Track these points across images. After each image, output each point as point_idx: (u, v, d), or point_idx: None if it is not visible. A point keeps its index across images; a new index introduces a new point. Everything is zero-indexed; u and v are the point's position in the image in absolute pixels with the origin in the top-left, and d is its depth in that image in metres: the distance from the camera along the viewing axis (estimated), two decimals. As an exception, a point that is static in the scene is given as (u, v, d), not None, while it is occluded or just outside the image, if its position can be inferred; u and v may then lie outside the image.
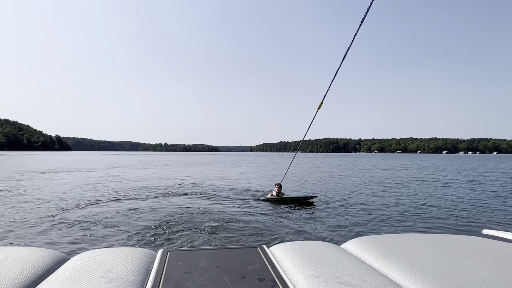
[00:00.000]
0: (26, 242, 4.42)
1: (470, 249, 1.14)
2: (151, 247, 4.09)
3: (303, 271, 0.97)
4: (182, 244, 4.36)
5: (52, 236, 4.69)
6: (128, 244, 4.39)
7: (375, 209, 7.06)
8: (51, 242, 4.41)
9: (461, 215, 6.52)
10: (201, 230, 5.00)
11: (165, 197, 8.56)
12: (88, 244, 4.34)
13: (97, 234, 4.84)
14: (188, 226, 5.25)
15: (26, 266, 0.95)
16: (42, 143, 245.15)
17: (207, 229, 5.05)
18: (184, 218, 5.78)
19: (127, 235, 4.76)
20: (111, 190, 9.96)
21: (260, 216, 6.12)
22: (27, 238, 4.59)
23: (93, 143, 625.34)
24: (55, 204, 7.34)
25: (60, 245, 4.31)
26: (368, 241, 1.25)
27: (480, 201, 8.44)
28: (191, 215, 6.12)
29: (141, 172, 19.02)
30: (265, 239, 4.60)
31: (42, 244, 4.34)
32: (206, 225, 5.28)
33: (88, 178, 14.33)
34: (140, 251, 1.15)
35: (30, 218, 5.82)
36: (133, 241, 4.51)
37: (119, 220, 5.71)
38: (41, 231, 4.98)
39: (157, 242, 4.43)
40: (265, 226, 5.33)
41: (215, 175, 17.60)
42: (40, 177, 14.84)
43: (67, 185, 11.39)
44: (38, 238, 4.60)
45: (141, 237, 4.68)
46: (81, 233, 4.86)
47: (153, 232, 4.92)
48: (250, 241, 4.52)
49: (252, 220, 5.79)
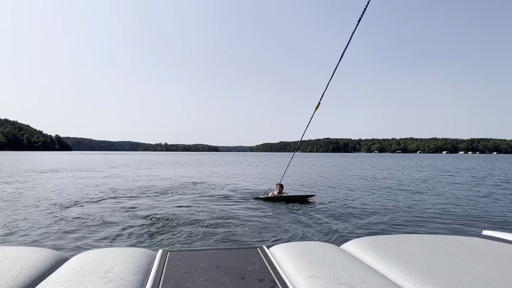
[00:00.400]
0: (26, 242, 4.41)
1: (470, 250, 1.14)
2: (151, 247, 4.09)
3: (303, 272, 0.97)
4: (182, 244, 4.36)
5: (52, 236, 4.69)
6: (128, 244, 4.39)
7: (375, 209, 7.06)
8: (51, 242, 4.41)
9: (461, 215, 6.52)
10: (201, 230, 4.99)
11: (165, 197, 8.56)
12: (88, 244, 4.33)
13: (97, 234, 4.84)
14: (188, 226, 5.25)
15: (26, 266, 0.95)
16: (42, 143, 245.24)
17: (207, 229, 5.05)
18: (184, 218, 5.78)
19: (127, 235, 4.76)
20: (110, 190, 9.96)
21: (260, 216, 6.12)
22: (27, 238, 4.59)
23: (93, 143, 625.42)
24: (55, 204, 7.33)
25: (59, 245, 4.30)
26: (368, 242, 1.25)
27: (480, 201, 8.43)
28: (191, 215, 6.12)
29: (141, 172, 19.01)
30: (265, 240, 4.60)
31: (42, 244, 4.33)
32: (206, 225, 5.28)
33: (87, 178, 14.33)
34: (140, 251, 1.15)
35: (30, 218, 5.82)
36: (133, 241, 4.51)
37: (119, 220, 5.71)
38: (41, 231, 4.98)
39: (157, 242, 4.42)
40: (265, 226, 5.33)
41: (215, 174, 17.60)
42: (39, 176, 14.83)
43: (66, 185, 11.39)
44: (38, 238, 4.60)
45: (141, 237, 4.68)
46: (81, 233, 4.85)
47: (152, 232, 4.92)
48: (250, 242, 4.52)
49: (252, 220, 5.78)
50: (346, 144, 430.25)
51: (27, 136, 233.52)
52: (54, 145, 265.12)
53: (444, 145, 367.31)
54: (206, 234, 4.79)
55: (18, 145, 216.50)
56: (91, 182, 12.79)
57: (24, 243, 4.37)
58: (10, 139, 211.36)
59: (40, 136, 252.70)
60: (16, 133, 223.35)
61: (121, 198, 8.38)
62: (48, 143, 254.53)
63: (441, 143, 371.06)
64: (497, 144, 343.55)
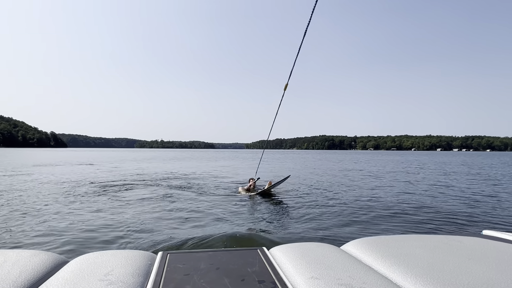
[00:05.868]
0: (25, 245, 4.36)
1: (470, 250, 1.14)
2: (150, 249, 4.05)
3: (303, 273, 0.97)
4: (182, 246, 4.32)
5: (51, 239, 4.62)
6: (128, 246, 4.34)
7: (375, 209, 7.07)
8: (51, 245, 4.35)
9: (461, 215, 6.54)
10: (200, 231, 4.96)
11: (165, 196, 8.49)
12: (88, 247, 4.28)
13: (97, 236, 4.78)
14: (188, 226, 5.21)
15: (26, 269, 0.95)
16: (38, 139, 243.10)
17: (206, 229, 5.02)
18: (184, 218, 5.74)
19: (127, 237, 4.70)
20: (110, 189, 9.87)
21: (259, 217, 6.09)
22: (26, 241, 4.52)
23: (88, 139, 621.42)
24: (55, 204, 7.25)
25: (59, 247, 4.25)
26: (368, 243, 1.25)
27: (480, 201, 8.48)
28: (191, 215, 6.08)
29: (139, 169, 18.88)
30: (264, 241, 4.57)
31: (41, 247, 4.28)
32: (206, 226, 5.24)
33: (84, 175, 14.18)
34: (140, 253, 1.15)
35: (29, 220, 5.75)
36: (133, 243, 4.46)
37: (119, 222, 5.65)
38: (40, 233, 4.91)
39: (156, 244, 4.38)
40: (264, 227, 5.31)
41: (214, 171, 17.53)
42: (37, 175, 14.66)
43: (65, 184, 11.26)
44: (37, 241, 4.53)
45: (140, 239, 4.63)
46: (81, 236, 4.80)
47: (152, 233, 4.87)
48: (250, 243, 4.48)
49: (251, 221, 5.76)
50: (342, 141, 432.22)
51: (22, 132, 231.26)
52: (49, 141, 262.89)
53: (438, 142, 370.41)
54: (205, 235, 4.75)
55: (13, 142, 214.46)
56: (89, 181, 12.66)
57: (23, 246, 4.31)
58: (5, 135, 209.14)
59: (36, 133, 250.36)
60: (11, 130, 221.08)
61: (120, 197, 8.29)
62: (44, 140, 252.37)
63: (435, 141, 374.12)
64: (490, 141, 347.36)
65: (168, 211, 6.44)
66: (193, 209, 6.71)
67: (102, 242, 4.51)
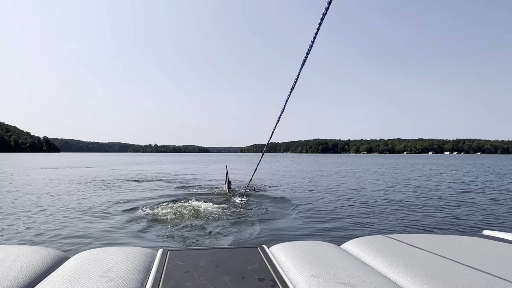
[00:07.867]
0: (26, 241, 4.32)
1: (470, 249, 1.14)
2: (151, 246, 4.01)
3: (303, 271, 0.97)
4: (182, 243, 4.30)
5: (52, 235, 4.59)
6: (128, 243, 4.32)
7: (375, 209, 7.11)
8: (51, 241, 4.31)
9: (461, 215, 6.61)
10: (200, 229, 4.93)
11: (164, 196, 8.41)
12: (88, 243, 4.25)
13: (97, 232, 4.76)
14: (188, 225, 5.17)
15: (26, 265, 0.95)
16: (30, 144, 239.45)
17: (206, 228, 4.99)
18: (183, 217, 5.69)
19: (127, 234, 4.68)
20: (110, 189, 9.76)
21: (259, 215, 6.08)
22: (27, 237, 4.48)
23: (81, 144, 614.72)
24: (55, 202, 7.14)
25: (60, 244, 4.22)
26: (368, 242, 1.26)
27: (481, 201, 8.56)
28: (191, 214, 6.03)
29: (137, 172, 18.70)
30: (264, 239, 4.56)
31: (42, 243, 4.26)
32: (206, 224, 5.21)
33: (85, 176, 13.99)
34: (140, 250, 1.16)
35: (29, 217, 5.71)
36: (133, 240, 4.42)
37: (119, 218, 5.63)
38: (41, 230, 4.87)
39: (157, 241, 4.36)
40: (264, 226, 5.30)
41: (214, 173, 17.45)
42: (34, 175, 14.42)
43: (64, 184, 11.10)
44: (38, 237, 4.49)
45: (141, 236, 4.60)
46: (81, 232, 4.76)
47: (152, 231, 4.84)
48: (250, 241, 4.47)
49: (251, 219, 5.74)
50: (335, 145, 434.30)
51: (14, 137, 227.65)
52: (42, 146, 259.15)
53: (430, 145, 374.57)
54: (205, 233, 4.73)
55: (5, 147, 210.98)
56: (87, 180, 12.50)
57: (24, 242, 4.28)
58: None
59: (28, 138, 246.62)
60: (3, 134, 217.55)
61: (120, 197, 8.20)
62: (36, 145, 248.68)
63: (427, 144, 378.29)
64: (481, 144, 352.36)
65: (169, 210, 6.42)
66: (193, 208, 6.68)
67: (102, 239, 4.49)
